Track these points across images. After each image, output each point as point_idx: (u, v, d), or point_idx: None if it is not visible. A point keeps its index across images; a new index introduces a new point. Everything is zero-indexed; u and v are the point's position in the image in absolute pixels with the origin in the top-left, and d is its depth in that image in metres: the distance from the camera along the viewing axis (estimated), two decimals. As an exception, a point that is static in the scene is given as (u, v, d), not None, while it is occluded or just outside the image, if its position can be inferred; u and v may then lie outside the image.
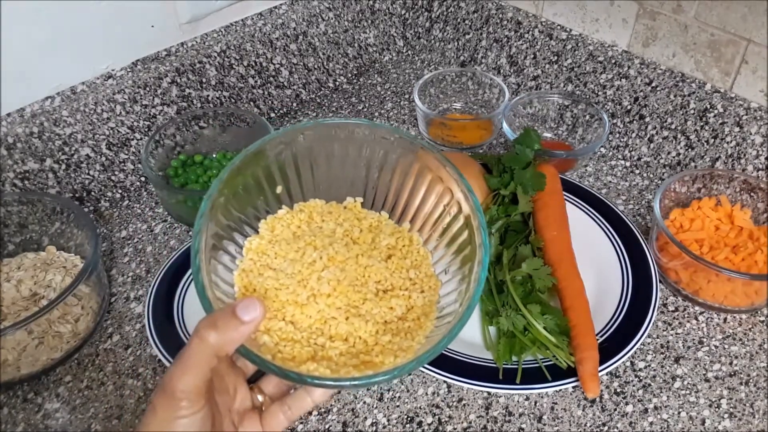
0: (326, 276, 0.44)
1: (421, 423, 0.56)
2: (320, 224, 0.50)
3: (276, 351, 0.40)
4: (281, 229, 0.49)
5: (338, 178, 0.52)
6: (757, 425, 0.56)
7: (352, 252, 0.47)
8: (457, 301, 0.44)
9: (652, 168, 0.81)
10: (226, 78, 0.83)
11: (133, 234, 0.75)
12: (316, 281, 0.44)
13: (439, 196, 0.49)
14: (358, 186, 0.52)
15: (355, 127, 0.49)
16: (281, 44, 0.87)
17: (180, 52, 0.80)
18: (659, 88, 0.77)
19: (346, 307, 0.43)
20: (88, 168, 0.75)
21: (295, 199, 0.51)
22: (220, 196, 0.44)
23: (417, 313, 0.45)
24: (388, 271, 0.47)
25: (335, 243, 0.47)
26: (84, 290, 0.63)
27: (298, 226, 0.49)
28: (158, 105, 0.78)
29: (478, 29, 0.94)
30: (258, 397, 0.44)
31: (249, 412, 0.43)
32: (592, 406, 0.57)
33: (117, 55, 0.75)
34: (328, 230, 0.49)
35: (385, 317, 0.44)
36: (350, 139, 0.50)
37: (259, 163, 0.47)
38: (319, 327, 0.42)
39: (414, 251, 0.49)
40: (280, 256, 0.46)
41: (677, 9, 0.73)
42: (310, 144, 0.49)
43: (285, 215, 0.50)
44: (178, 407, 0.36)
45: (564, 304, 0.62)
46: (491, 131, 0.86)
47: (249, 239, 0.47)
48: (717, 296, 0.63)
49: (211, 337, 0.36)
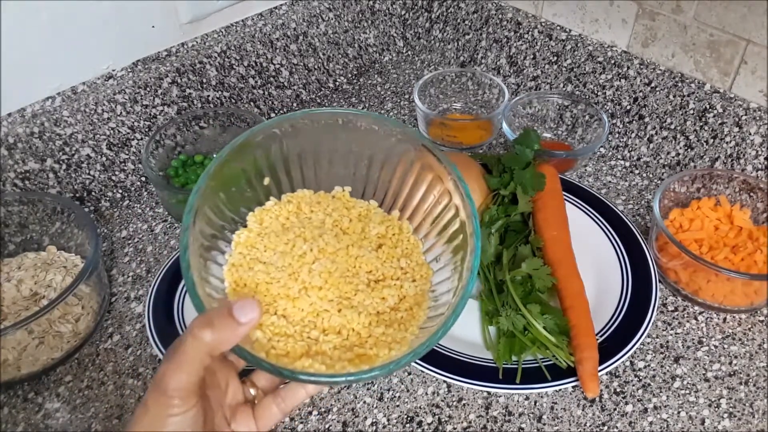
0: (317, 268, 0.44)
1: (421, 423, 0.56)
2: (309, 215, 0.49)
3: (269, 347, 0.40)
4: (270, 221, 0.48)
5: (326, 168, 0.51)
6: (756, 425, 0.56)
7: (342, 243, 0.46)
8: (450, 291, 0.44)
9: (652, 168, 0.82)
10: (227, 78, 0.83)
11: (133, 234, 0.75)
12: (307, 274, 0.44)
13: (429, 184, 0.48)
14: (346, 176, 0.52)
15: (354, 118, 0.48)
16: (281, 44, 0.87)
17: (180, 52, 0.80)
18: (659, 88, 0.77)
19: (338, 299, 0.43)
20: (88, 168, 0.75)
21: (284, 189, 0.50)
22: (207, 189, 0.43)
23: (409, 303, 0.45)
24: (378, 261, 0.46)
25: (325, 234, 0.47)
26: (84, 290, 0.63)
27: (286, 217, 0.49)
28: (159, 105, 0.78)
29: (477, 30, 0.95)
30: (250, 390, 0.44)
31: (241, 406, 0.43)
32: (592, 406, 0.57)
33: (118, 55, 0.75)
34: (317, 221, 0.49)
35: (378, 308, 0.43)
36: (343, 129, 0.49)
37: (246, 155, 0.46)
38: (312, 320, 0.42)
39: (404, 240, 0.49)
40: (269, 249, 0.46)
41: (676, 9, 0.73)
42: (299, 134, 0.48)
43: (273, 207, 0.49)
44: (170, 405, 0.36)
45: (564, 304, 0.62)
46: (491, 131, 0.86)
47: (237, 233, 0.47)
48: (716, 296, 0.63)
49: (206, 337, 0.36)
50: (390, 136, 0.49)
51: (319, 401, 0.58)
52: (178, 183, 0.74)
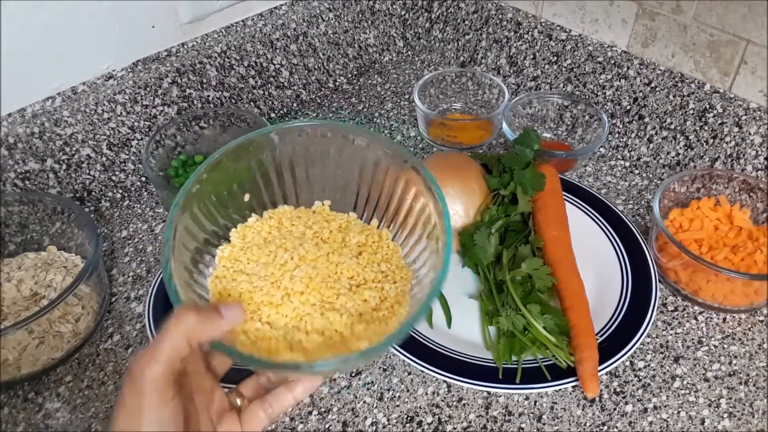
0: (299, 274, 0.45)
1: (421, 423, 0.56)
2: (290, 228, 0.50)
3: (253, 350, 0.41)
4: (252, 235, 0.49)
5: (305, 185, 0.52)
6: (756, 425, 0.56)
7: (323, 250, 0.47)
8: (429, 285, 0.45)
9: (652, 168, 0.82)
10: (227, 78, 0.83)
11: (133, 234, 0.75)
12: (289, 280, 0.44)
13: (413, 197, 0.49)
14: (328, 191, 0.53)
15: (343, 131, 0.49)
16: (281, 45, 0.87)
17: (181, 52, 0.80)
18: (658, 88, 0.77)
19: (321, 303, 0.44)
20: (88, 168, 0.75)
21: (265, 205, 0.52)
22: (187, 203, 0.44)
23: (390, 302, 0.45)
24: (359, 267, 0.47)
25: (305, 243, 0.48)
26: (84, 290, 0.63)
27: (268, 232, 0.50)
28: (159, 105, 0.78)
29: (477, 30, 0.95)
30: (237, 400, 0.44)
31: (228, 412, 0.43)
32: (592, 406, 0.57)
33: (118, 55, 0.75)
34: (297, 233, 0.50)
35: (360, 309, 0.44)
36: (323, 143, 0.50)
37: (222, 171, 0.47)
38: (296, 325, 0.43)
39: (384, 246, 0.50)
40: (252, 261, 0.47)
41: (676, 9, 0.73)
42: (280, 149, 0.50)
43: (255, 223, 0.50)
44: (143, 396, 0.35)
45: (564, 304, 0.62)
46: (491, 131, 0.86)
47: (221, 248, 0.48)
48: (716, 296, 0.63)
49: (190, 319, 0.36)
50: (378, 150, 0.50)
51: (319, 401, 0.58)
52: (178, 183, 0.74)
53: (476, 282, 0.68)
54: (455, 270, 0.69)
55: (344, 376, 0.60)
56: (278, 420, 0.56)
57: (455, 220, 0.69)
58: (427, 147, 0.87)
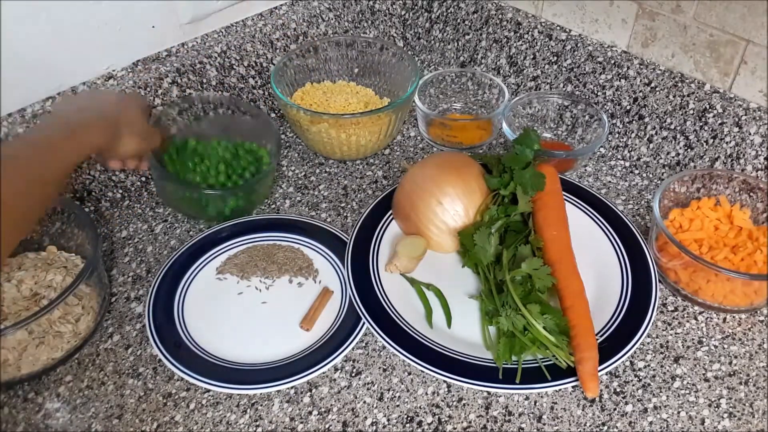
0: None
1: (421, 423, 0.56)
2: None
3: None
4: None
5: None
6: (756, 425, 0.56)
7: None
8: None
9: (652, 168, 0.82)
10: (227, 78, 0.83)
11: (133, 234, 0.75)
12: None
13: None
14: None
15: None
16: (281, 45, 0.87)
17: (181, 52, 0.80)
18: (658, 88, 0.77)
19: None
20: (88, 168, 0.75)
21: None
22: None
23: None
24: None
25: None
26: (84, 290, 0.63)
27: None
28: (159, 105, 0.78)
29: (477, 30, 0.95)
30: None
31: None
32: (592, 406, 0.57)
33: (118, 55, 0.75)
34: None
35: None
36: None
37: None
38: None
39: None
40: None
41: (676, 9, 0.73)
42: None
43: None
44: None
45: (564, 303, 0.62)
46: (491, 131, 0.86)
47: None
48: (716, 296, 0.63)
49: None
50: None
51: (319, 401, 0.58)
52: (173, 169, 0.72)
53: (476, 282, 0.68)
54: (455, 270, 0.69)
55: (344, 376, 0.60)
56: (278, 420, 0.56)
57: (455, 220, 0.69)
58: (427, 147, 0.87)
